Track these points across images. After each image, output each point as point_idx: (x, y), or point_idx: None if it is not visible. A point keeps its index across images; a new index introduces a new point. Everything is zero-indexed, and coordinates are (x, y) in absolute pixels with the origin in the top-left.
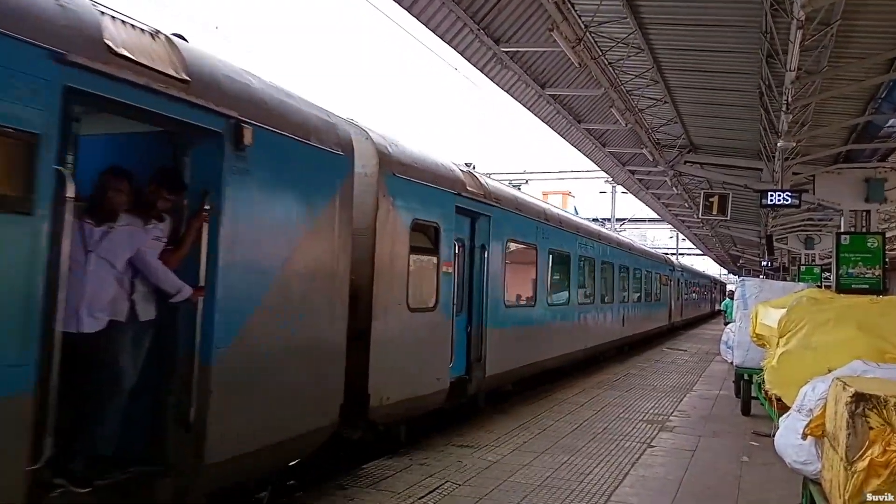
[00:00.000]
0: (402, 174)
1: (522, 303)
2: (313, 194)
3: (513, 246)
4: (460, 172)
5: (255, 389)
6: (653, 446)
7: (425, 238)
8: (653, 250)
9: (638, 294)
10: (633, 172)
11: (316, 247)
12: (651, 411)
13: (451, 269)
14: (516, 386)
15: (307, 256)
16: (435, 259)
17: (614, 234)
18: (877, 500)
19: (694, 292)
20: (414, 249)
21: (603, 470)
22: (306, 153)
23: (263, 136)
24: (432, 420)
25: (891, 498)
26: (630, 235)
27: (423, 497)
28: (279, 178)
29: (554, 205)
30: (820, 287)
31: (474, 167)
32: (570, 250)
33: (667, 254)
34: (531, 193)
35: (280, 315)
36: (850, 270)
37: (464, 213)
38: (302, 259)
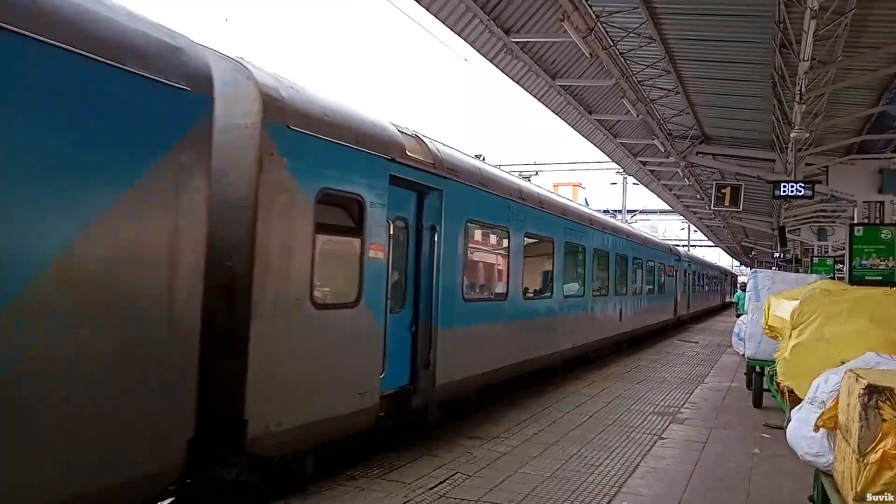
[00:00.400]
0: (302, 128)
1: (489, 296)
2: (128, 146)
3: (476, 228)
4: (398, 134)
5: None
6: (663, 438)
7: (343, 215)
8: (656, 239)
9: (638, 286)
10: (644, 163)
11: (134, 224)
12: (662, 403)
13: (382, 255)
14: (511, 385)
15: (115, 237)
16: (357, 242)
17: (610, 220)
18: (877, 500)
19: (703, 284)
20: (323, 229)
21: (613, 461)
22: (115, 83)
23: (18, 46)
24: (364, 444)
25: (891, 498)
26: (641, 227)
27: (433, 488)
28: (53, 117)
29: (538, 185)
30: (833, 279)
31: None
32: (554, 236)
33: (678, 245)
34: (541, 185)
35: (55, 320)
36: (864, 262)
37: (404, 186)
38: (103, 241)
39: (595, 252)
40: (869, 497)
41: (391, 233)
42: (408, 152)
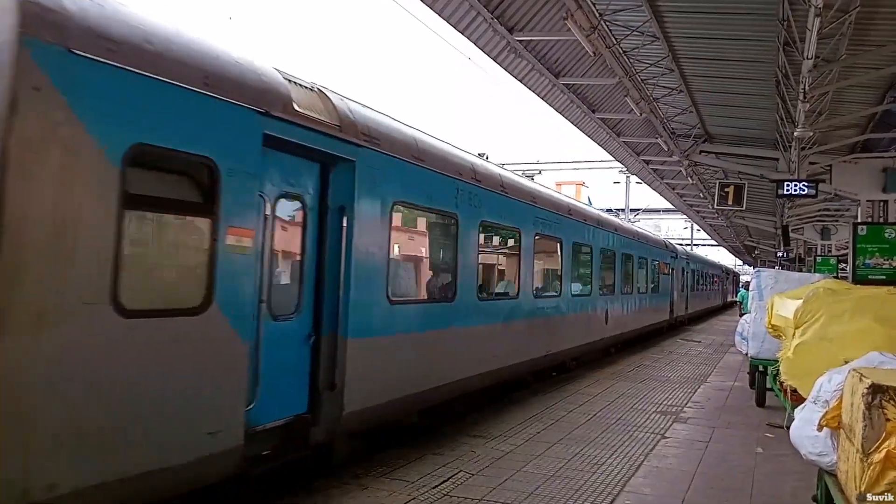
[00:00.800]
0: (101, 56)
1: (426, 298)
2: None
3: (406, 212)
4: (283, 83)
5: None
6: (666, 437)
7: (179, 185)
8: (650, 234)
9: (628, 284)
10: (647, 162)
11: None
12: (665, 402)
13: (250, 243)
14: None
15: None
16: (206, 223)
17: (594, 211)
18: (877, 500)
19: (702, 282)
20: (137, 202)
21: (616, 461)
22: None
23: None
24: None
25: (891, 498)
26: (644, 226)
27: (436, 486)
28: None
29: (503, 167)
30: (836, 278)
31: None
32: (521, 227)
33: (682, 244)
34: (544, 183)
35: None
36: (867, 261)
37: (297, 153)
38: None
39: (575, 246)
40: (870, 497)
41: (270, 213)
42: (296, 107)
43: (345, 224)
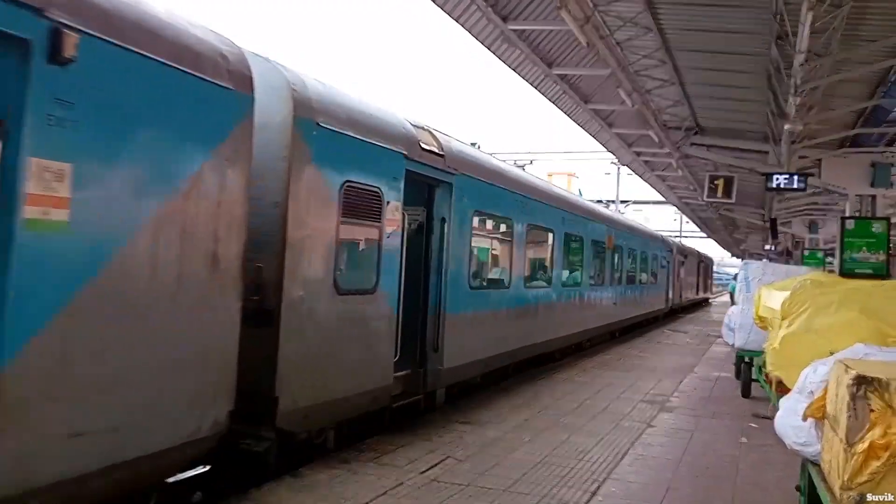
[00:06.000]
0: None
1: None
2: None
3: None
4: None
5: None
6: (652, 426)
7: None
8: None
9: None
10: (638, 154)
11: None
12: (651, 392)
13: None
14: None
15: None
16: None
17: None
18: (877, 499)
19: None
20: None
21: (602, 449)
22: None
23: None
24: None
25: (891, 498)
26: (634, 217)
27: (424, 472)
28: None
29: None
30: (824, 271)
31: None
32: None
33: (673, 236)
34: (536, 174)
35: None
36: (854, 255)
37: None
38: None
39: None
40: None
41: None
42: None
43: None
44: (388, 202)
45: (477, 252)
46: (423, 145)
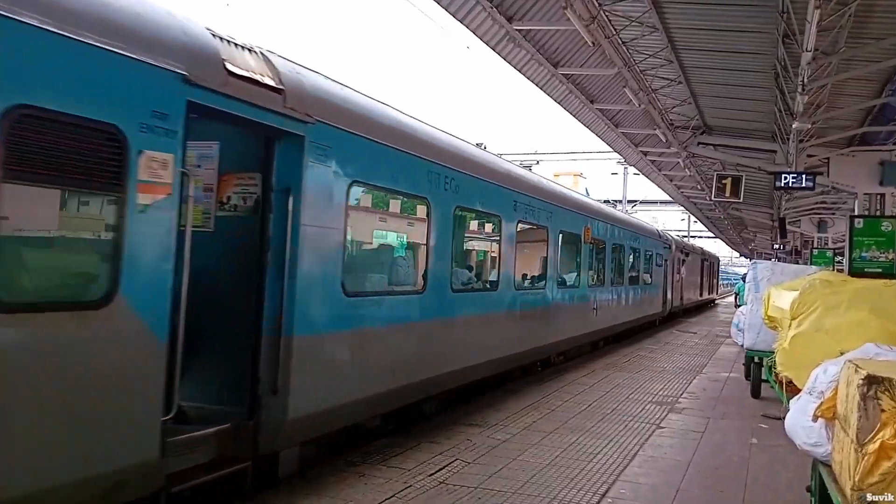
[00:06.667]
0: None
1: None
2: None
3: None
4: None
5: None
6: (662, 427)
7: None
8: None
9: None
10: (645, 153)
11: None
12: (660, 393)
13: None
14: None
15: None
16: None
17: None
18: (889, 500)
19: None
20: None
21: (612, 450)
22: None
23: None
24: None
25: (890, 498)
26: (642, 217)
27: (432, 474)
28: None
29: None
30: (833, 271)
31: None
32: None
33: (682, 237)
34: (542, 174)
35: None
36: (864, 254)
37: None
38: None
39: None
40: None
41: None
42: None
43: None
44: (139, 153)
45: (358, 243)
46: (235, 69)
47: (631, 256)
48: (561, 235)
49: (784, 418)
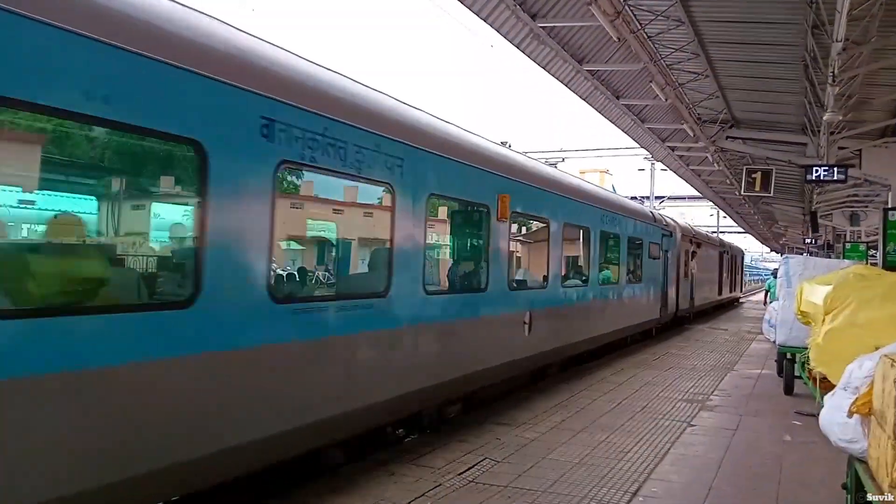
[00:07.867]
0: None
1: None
2: None
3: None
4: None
5: None
6: (693, 425)
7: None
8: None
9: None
10: (672, 149)
11: None
12: (691, 390)
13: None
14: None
15: None
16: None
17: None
18: (881, 499)
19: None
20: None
21: (642, 448)
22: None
23: None
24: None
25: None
26: (670, 214)
27: (462, 473)
28: None
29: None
30: (866, 264)
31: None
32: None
33: (711, 232)
34: (568, 171)
35: None
36: None
37: None
38: None
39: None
40: None
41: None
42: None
43: None
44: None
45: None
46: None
47: (599, 245)
48: (518, 218)
49: (818, 415)
